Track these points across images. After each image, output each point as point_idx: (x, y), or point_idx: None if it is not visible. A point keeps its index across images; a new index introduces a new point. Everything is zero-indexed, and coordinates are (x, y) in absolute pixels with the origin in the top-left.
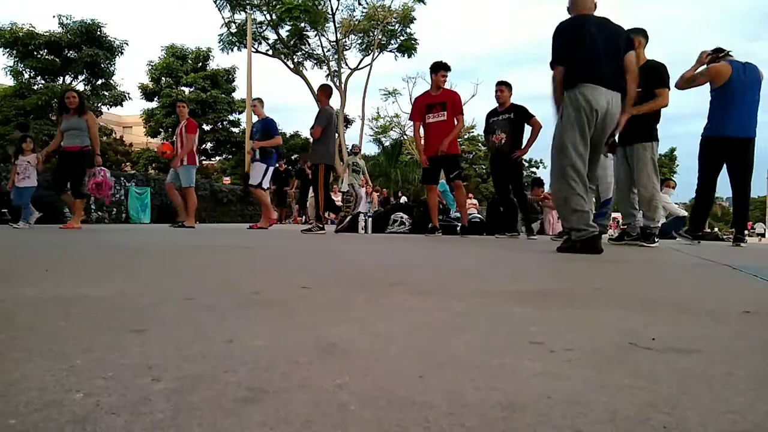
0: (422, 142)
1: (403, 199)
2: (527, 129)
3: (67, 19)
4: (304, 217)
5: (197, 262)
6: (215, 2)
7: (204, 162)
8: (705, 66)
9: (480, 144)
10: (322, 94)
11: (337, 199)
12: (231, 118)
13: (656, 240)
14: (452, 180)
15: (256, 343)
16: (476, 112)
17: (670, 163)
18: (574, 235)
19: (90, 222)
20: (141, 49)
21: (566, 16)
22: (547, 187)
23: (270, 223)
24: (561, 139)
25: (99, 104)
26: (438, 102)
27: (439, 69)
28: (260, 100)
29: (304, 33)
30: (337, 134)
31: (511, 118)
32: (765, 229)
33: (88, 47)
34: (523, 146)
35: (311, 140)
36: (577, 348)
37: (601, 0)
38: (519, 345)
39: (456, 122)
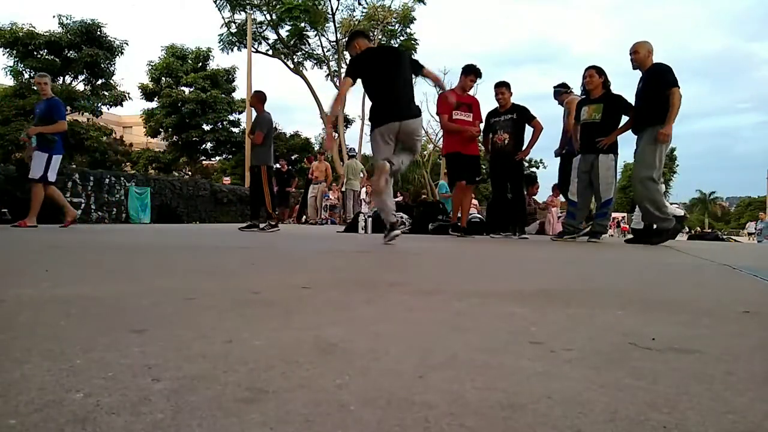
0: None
1: (399, 198)
2: (528, 129)
3: (67, 19)
4: (304, 216)
5: (197, 262)
6: (215, 2)
7: (204, 162)
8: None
9: (479, 144)
10: (258, 100)
11: (335, 197)
12: (231, 118)
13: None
14: (473, 183)
15: (256, 343)
16: None
17: (669, 162)
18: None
19: (90, 222)
20: (141, 49)
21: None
22: (547, 190)
23: (66, 224)
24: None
25: (99, 104)
26: (465, 102)
27: (470, 72)
28: (48, 77)
29: (304, 33)
30: (337, 134)
31: (514, 119)
32: (756, 229)
33: (88, 47)
34: (524, 147)
35: (251, 144)
36: (577, 348)
37: (602, 3)
38: (519, 345)
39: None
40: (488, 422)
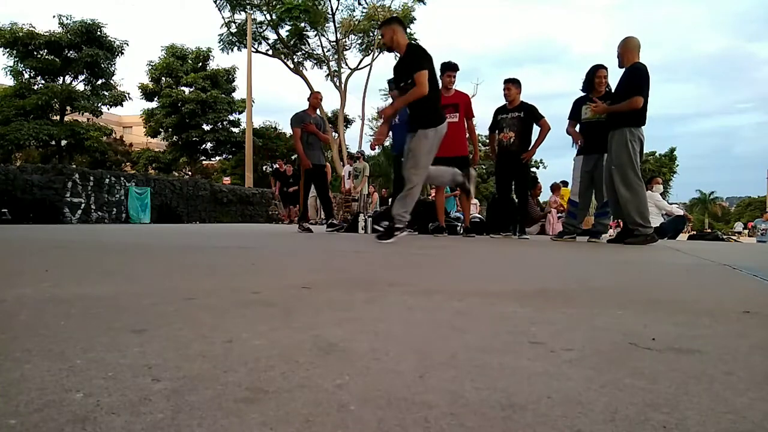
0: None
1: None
2: (535, 128)
3: (67, 19)
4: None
5: (197, 262)
6: (215, 2)
7: (204, 162)
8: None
9: (480, 144)
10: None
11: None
12: (231, 118)
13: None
14: None
15: (256, 343)
16: (477, 113)
17: (670, 163)
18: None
19: (90, 222)
20: (141, 49)
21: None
22: (546, 189)
23: None
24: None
25: (99, 104)
26: (450, 103)
27: (445, 70)
28: None
29: (304, 33)
30: (336, 134)
31: (521, 117)
32: (760, 229)
33: (88, 47)
34: (530, 147)
35: (317, 145)
36: (577, 348)
37: (603, 2)
38: (519, 345)
39: (467, 125)
40: (488, 422)
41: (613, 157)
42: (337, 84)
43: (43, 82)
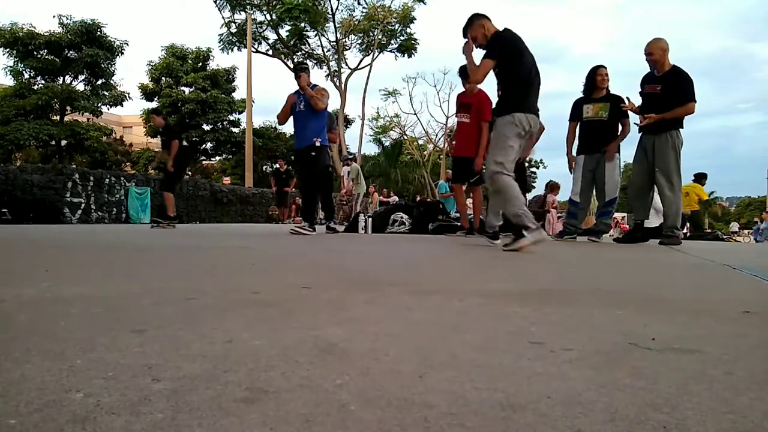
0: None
1: (394, 199)
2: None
3: (67, 19)
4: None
5: (197, 262)
6: (215, 2)
7: (204, 162)
8: None
9: None
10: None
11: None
12: (231, 118)
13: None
14: (473, 184)
15: (256, 343)
16: None
17: None
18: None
19: (90, 222)
20: (141, 49)
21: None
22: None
23: None
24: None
25: (99, 104)
26: (465, 103)
27: (463, 77)
28: None
29: (304, 33)
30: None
31: None
32: (761, 229)
33: (88, 47)
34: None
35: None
36: (577, 348)
37: (603, 2)
38: (519, 345)
39: (481, 128)
40: (488, 422)
41: (657, 160)
42: (337, 84)
43: (43, 82)
